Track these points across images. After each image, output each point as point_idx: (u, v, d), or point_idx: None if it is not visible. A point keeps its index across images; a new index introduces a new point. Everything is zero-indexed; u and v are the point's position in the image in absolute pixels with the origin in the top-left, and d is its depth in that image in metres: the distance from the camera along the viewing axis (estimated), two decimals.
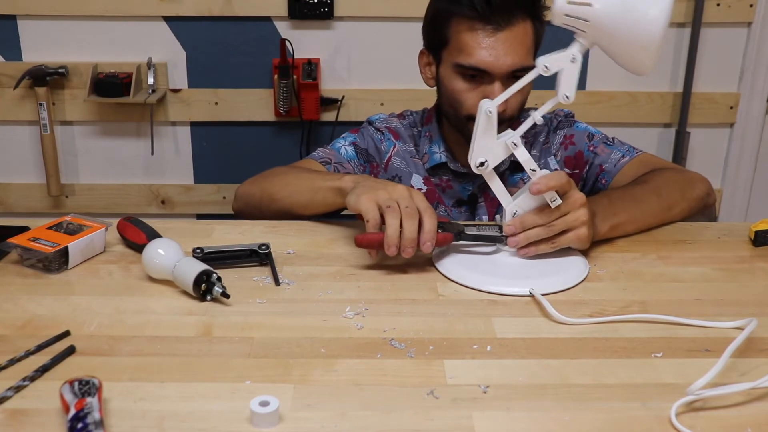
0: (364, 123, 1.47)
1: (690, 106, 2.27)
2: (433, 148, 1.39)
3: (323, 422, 0.75)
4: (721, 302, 1.01)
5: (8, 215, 2.33)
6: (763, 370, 0.84)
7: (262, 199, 1.27)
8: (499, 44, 1.22)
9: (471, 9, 1.22)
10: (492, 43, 1.22)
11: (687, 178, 1.30)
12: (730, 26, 2.24)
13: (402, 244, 1.02)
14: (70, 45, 2.20)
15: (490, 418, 0.76)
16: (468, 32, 1.24)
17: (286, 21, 2.19)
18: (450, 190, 1.39)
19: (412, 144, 1.42)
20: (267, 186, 1.28)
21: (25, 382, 0.80)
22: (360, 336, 0.91)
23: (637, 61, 0.96)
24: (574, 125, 1.42)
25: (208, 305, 0.97)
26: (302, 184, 1.23)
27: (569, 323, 0.94)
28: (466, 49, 1.24)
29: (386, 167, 1.42)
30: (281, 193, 1.24)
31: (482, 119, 1.05)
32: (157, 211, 2.37)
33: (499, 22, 1.22)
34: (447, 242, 1.08)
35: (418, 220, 1.03)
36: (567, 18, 0.96)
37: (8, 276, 1.04)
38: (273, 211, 1.25)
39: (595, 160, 1.37)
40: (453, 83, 1.28)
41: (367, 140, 1.43)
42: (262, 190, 1.27)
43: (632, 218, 1.19)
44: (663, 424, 0.75)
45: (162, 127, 2.30)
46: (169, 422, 0.74)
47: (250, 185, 1.32)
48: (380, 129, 1.44)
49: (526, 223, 1.05)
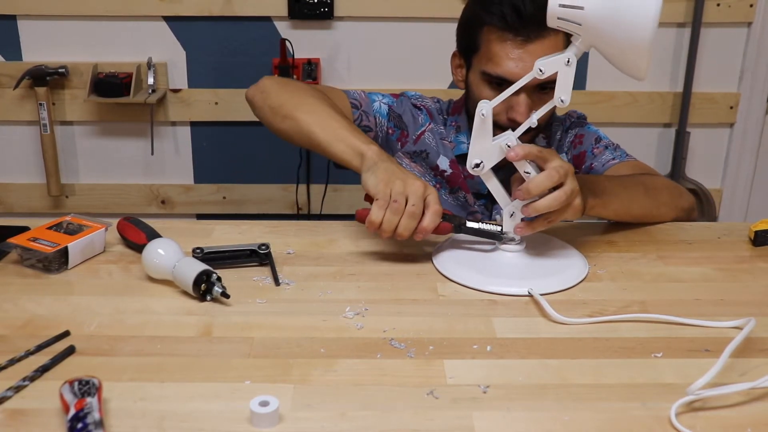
0: (401, 94, 1.46)
1: (690, 106, 2.27)
2: (460, 138, 1.40)
3: (323, 422, 0.75)
4: (720, 302, 1.01)
5: (8, 215, 2.34)
6: (762, 370, 0.84)
7: (283, 106, 1.23)
8: (527, 56, 1.20)
9: (501, 19, 1.20)
10: (520, 55, 1.21)
11: (676, 187, 1.32)
12: (730, 26, 2.24)
13: (397, 230, 1.04)
14: (70, 45, 2.20)
15: (490, 418, 0.76)
16: (497, 42, 1.22)
17: (286, 21, 2.19)
18: (471, 181, 1.40)
19: (442, 127, 1.43)
20: (294, 99, 1.23)
21: (25, 382, 0.80)
22: (360, 336, 0.91)
23: (632, 65, 0.96)
24: (585, 126, 1.43)
25: (208, 305, 0.97)
26: (329, 123, 1.18)
27: (567, 323, 0.94)
28: (495, 59, 1.23)
29: (417, 140, 1.41)
30: (305, 116, 1.20)
31: (477, 121, 1.05)
32: (157, 211, 2.37)
33: (529, 34, 1.20)
34: (446, 231, 1.08)
35: (418, 221, 1.04)
36: (560, 21, 0.96)
37: (8, 276, 1.04)
38: (285, 125, 1.22)
39: (591, 160, 1.38)
40: (480, 90, 1.28)
41: (404, 108, 1.43)
42: (288, 99, 1.23)
43: (617, 199, 1.18)
44: (663, 424, 0.75)
45: (162, 127, 2.30)
46: (169, 422, 0.74)
47: (277, 85, 1.27)
48: (417, 105, 1.44)
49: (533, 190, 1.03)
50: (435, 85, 2.20)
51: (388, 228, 1.04)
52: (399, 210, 1.03)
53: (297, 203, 2.34)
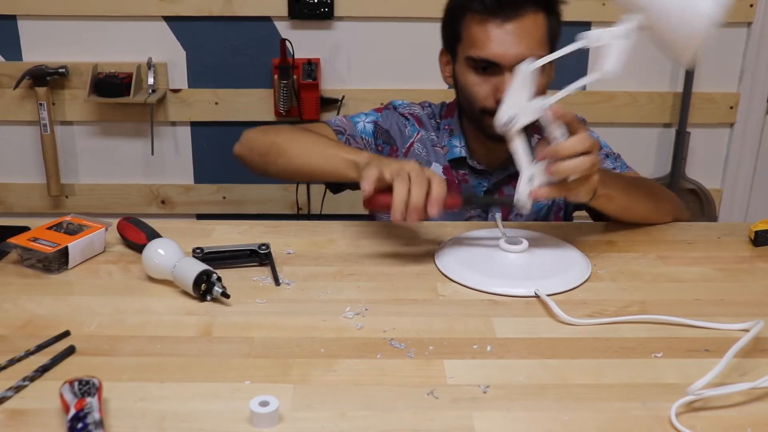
0: (388, 105, 1.47)
1: (690, 106, 2.27)
2: (453, 142, 1.40)
3: (323, 422, 0.75)
4: (721, 302, 1.01)
5: (8, 215, 2.33)
6: (763, 370, 0.84)
7: (270, 150, 1.25)
8: (508, 36, 1.23)
9: (481, 4, 1.24)
10: (501, 35, 1.24)
11: (678, 198, 1.34)
12: (730, 26, 2.24)
13: (408, 209, 1.02)
14: (70, 45, 2.20)
15: (490, 418, 0.76)
16: (478, 26, 1.25)
17: (286, 21, 2.19)
18: (466, 185, 1.40)
19: (433, 132, 1.43)
20: (278, 139, 1.26)
21: (25, 382, 0.80)
22: (360, 336, 0.91)
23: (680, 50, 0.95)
24: None
25: (208, 305, 0.97)
26: (316, 148, 1.21)
27: (575, 324, 0.94)
28: (477, 43, 1.26)
29: (407, 152, 1.42)
30: (293, 150, 1.22)
31: (518, 78, 1.04)
32: (157, 211, 2.37)
33: (508, 14, 1.23)
34: (455, 206, 1.08)
35: (426, 188, 1.03)
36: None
37: (8, 276, 1.04)
38: (278, 166, 1.24)
39: None
40: (466, 77, 1.30)
41: (390, 121, 1.43)
42: (272, 142, 1.25)
43: (625, 197, 1.20)
44: (663, 424, 0.75)
45: (162, 127, 2.30)
46: (169, 422, 0.74)
47: (259, 133, 1.30)
48: (404, 114, 1.45)
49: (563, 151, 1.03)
50: (435, 85, 2.19)
51: (400, 199, 1.01)
52: (404, 179, 1.02)
53: (297, 203, 2.34)
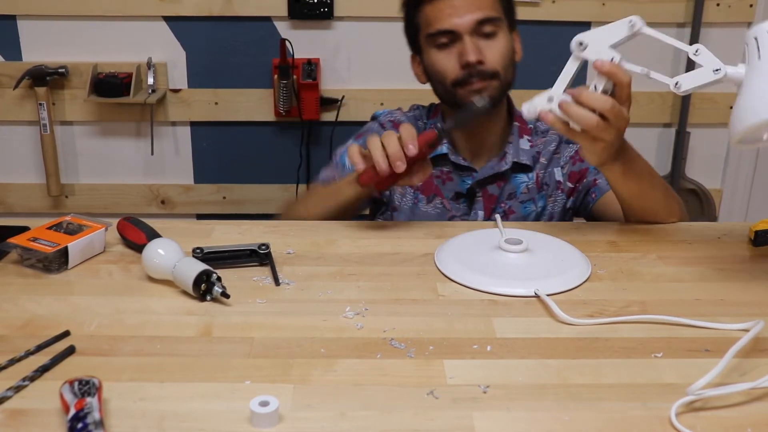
0: (371, 118, 1.53)
1: (690, 106, 2.27)
2: None
3: (323, 422, 0.75)
4: (721, 302, 1.00)
5: (8, 215, 2.34)
6: (763, 370, 0.84)
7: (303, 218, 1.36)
8: (458, 2, 1.31)
9: None
10: (451, 5, 1.32)
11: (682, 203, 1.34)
12: (730, 26, 2.24)
13: (390, 159, 1.13)
14: (70, 45, 2.20)
15: (490, 418, 0.76)
16: (429, 6, 1.35)
17: (286, 21, 2.19)
18: (450, 183, 1.41)
19: None
20: (301, 209, 1.41)
21: (25, 382, 0.80)
22: (360, 336, 0.91)
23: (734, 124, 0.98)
24: None
25: (208, 305, 0.97)
26: (326, 195, 1.36)
27: (575, 324, 0.94)
28: (432, 20, 1.34)
29: None
30: (314, 210, 1.34)
31: (625, 26, 1.06)
32: (157, 211, 2.37)
33: None
34: (433, 139, 1.17)
35: (396, 136, 1.14)
36: None
37: (8, 276, 1.04)
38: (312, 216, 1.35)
39: (594, 175, 1.38)
40: (431, 58, 1.36)
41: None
42: (300, 213, 1.38)
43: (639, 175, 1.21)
44: (663, 424, 0.75)
45: (162, 127, 2.30)
46: (169, 422, 0.74)
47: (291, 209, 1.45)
48: (383, 123, 1.49)
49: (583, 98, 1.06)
50: None
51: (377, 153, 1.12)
52: (377, 138, 1.14)
53: None
